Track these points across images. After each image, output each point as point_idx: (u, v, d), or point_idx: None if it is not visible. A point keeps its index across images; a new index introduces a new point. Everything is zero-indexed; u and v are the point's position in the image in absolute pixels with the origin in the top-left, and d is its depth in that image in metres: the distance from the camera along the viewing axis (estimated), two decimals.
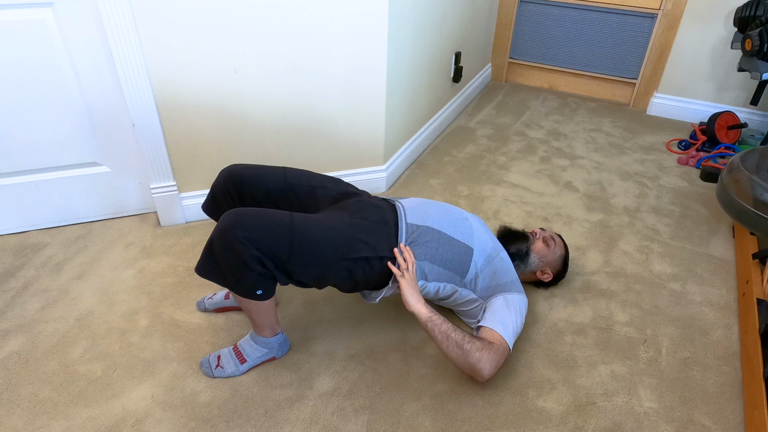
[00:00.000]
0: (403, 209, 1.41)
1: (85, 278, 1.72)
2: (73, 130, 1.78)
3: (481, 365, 1.28)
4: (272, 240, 1.18)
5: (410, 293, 1.30)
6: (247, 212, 1.21)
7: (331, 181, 1.49)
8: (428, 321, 1.29)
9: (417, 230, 1.38)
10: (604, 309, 1.65)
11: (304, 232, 1.22)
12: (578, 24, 2.97)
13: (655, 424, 1.31)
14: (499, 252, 1.48)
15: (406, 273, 1.31)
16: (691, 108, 2.84)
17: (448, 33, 2.48)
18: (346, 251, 1.27)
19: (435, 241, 1.38)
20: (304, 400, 1.34)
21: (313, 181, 1.46)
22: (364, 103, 1.99)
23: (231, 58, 1.73)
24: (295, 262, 1.21)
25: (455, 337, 1.28)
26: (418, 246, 1.36)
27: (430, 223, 1.40)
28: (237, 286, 1.22)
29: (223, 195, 1.42)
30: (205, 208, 1.49)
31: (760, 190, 1.68)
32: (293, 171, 1.47)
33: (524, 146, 2.60)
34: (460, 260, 1.40)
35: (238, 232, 1.16)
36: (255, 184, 1.40)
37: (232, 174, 1.41)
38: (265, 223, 1.19)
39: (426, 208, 1.44)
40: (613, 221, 2.06)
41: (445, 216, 1.43)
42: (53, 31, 1.60)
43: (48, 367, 1.42)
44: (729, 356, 1.49)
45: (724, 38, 2.61)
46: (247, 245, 1.16)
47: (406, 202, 1.45)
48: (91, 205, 1.95)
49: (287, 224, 1.22)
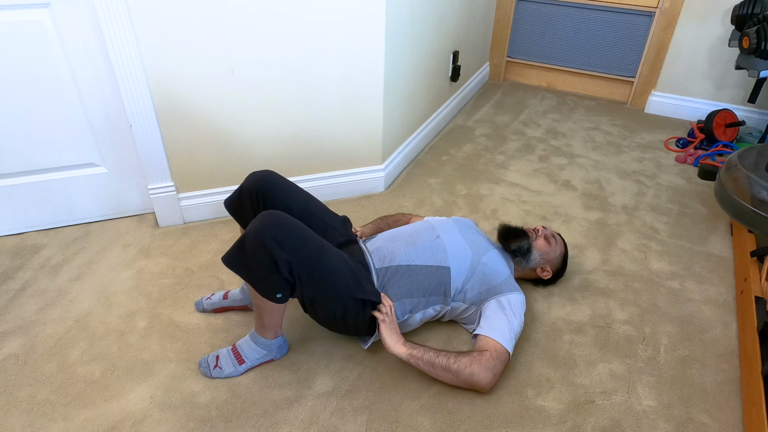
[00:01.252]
0: (369, 255, 1.45)
1: (83, 279, 1.72)
2: (70, 131, 1.78)
3: (476, 379, 1.30)
4: (303, 253, 1.22)
5: (389, 336, 1.34)
6: (287, 218, 1.23)
7: (340, 224, 1.54)
8: (410, 358, 1.32)
9: (387, 272, 1.42)
10: (603, 307, 1.65)
11: (329, 258, 1.27)
12: (576, 22, 2.97)
13: (653, 422, 1.31)
14: (481, 257, 1.48)
15: (386, 318, 1.35)
16: (689, 106, 2.85)
17: (446, 32, 2.48)
18: (354, 290, 1.31)
19: (406, 276, 1.41)
20: (303, 400, 1.34)
21: (329, 219, 1.51)
22: (362, 103, 1.98)
23: (228, 58, 1.73)
24: (311, 280, 1.25)
25: (440, 363, 1.31)
26: (390, 287, 1.40)
27: (397, 261, 1.43)
28: (259, 284, 1.23)
29: (249, 196, 1.44)
30: (229, 204, 1.50)
31: (758, 188, 1.68)
32: (316, 202, 1.52)
33: (522, 145, 2.60)
34: (438, 282, 1.43)
35: (276, 233, 1.18)
36: (282, 200, 1.44)
37: (265, 181, 1.44)
38: (303, 236, 1.23)
39: (390, 245, 1.47)
40: (611, 220, 2.06)
41: (413, 246, 1.46)
42: (50, 32, 1.60)
43: (46, 368, 1.42)
44: (727, 354, 1.49)
45: (721, 36, 2.61)
46: (283, 248, 1.18)
47: (373, 244, 1.49)
48: (89, 206, 1.94)
49: (319, 245, 1.26)
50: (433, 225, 1.54)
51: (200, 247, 1.86)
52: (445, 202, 2.15)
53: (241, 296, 1.56)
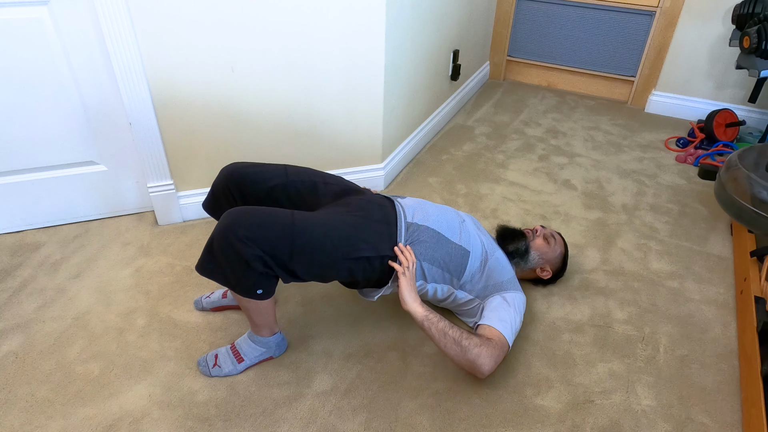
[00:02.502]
0: (403, 208, 1.41)
1: (82, 277, 1.71)
2: (69, 129, 1.78)
3: (480, 361, 1.27)
4: (273, 239, 1.18)
5: (408, 292, 1.30)
6: (247, 211, 1.20)
7: (331, 178, 1.49)
8: (425, 320, 1.28)
9: (417, 230, 1.38)
10: (603, 307, 1.64)
11: (305, 231, 1.22)
12: (576, 22, 2.96)
13: (653, 422, 1.31)
14: (494, 252, 1.48)
15: (407, 271, 1.31)
16: (689, 105, 2.84)
17: (446, 31, 2.47)
18: (348, 251, 1.26)
19: (433, 242, 1.38)
20: (302, 398, 1.34)
21: (315, 177, 1.46)
22: (362, 101, 1.98)
23: (228, 56, 1.72)
24: (296, 261, 1.21)
25: (453, 335, 1.27)
26: (417, 245, 1.36)
27: (430, 224, 1.40)
28: (238, 285, 1.21)
29: (223, 193, 1.42)
30: (206, 206, 1.48)
31: (758, 188, 1.68)
32: (294, 168, 1.47)
33: (522, 144, 2.60)
34: (457, 262, 1.41)
35: (238, 231, 1.15)
36: (256, 181, 1.40)
37: (234, 172, 1.41)
38: (266, 222, 1.19)
39: (425, 208, 1.44)
40: (611, 219, 2.06)
41: (444, 218, 1.43)
42: (49, 30, 1.60)
43: (45, 366, 1.42)
44: (727, 354, 1.49)
45: (722, 36, 2.61)
46: (249, 244, 1.15)
47: (406, 201, 1.46)
48: (88, 204, 1.94)
49: (288, 223, 1.21)
50: (455, 210, 1.53)
51: (199, 245, 1.86)
52: (445, 202, 2.14)
53: None
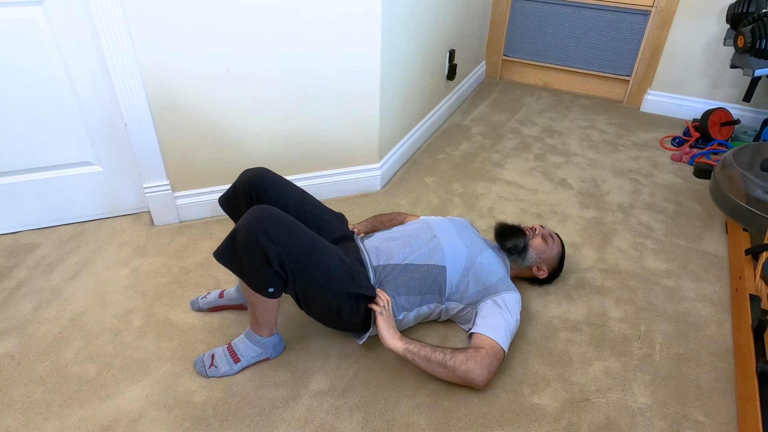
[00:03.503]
0: (367, 253, 1.46)
1: (78, 278, 1.71)
2: (65, 130, 1.77)
3: (471, 375, 1.30)
4: (294, 246, 1.21)
5: (386, 330, 1.34)
6: (278, 212, 1.23)
7: (336, 220, 1.55)
8: (406, 353, 1.32)
9: (384, 270, 1.42)
10: (599, 306, 1.65)
11: (321, 252, 1.27)
12: (572, 21, 2.97)
13: (649, 419, 1.31)
14: (478, 255, 1.48)
15: (384, 311, 1.35)
16: (684, 105, 2.85)
17: (442, 31, 2.47)
18: (348, 284, 1.30)
19: (402, 275, 1.42)
20: (299, 399, 1.34)
21: (324, 215, 1.52)
22: (358, 101, 1.98)
23: (224, 56, 1.72)
24: (303, 275, 1.24)
25: (436, 359, 1.31)
26: (387, 285, 1.41)
27: (394, 260, 1.44)
28: (252, 278, 1.22)
29: (243, 193, 1.44)
30: (223, 201, 1.50)
31: (753, 187, 1.69)
32: (310, 198, 1.52)
33: (519, 144, 2.61)
34: (433, 281, 1.43)
35: (266, 227, 1.18)
36: (276, 195, 1.44)
37: (258, 177, 1.43)
38: (293, 230, 1.23)
39: (387, 245, 1.48)
40: (607, 218, 2.07)
41: (409, 245, 1.47)
42: (44, 30, 1.59)
43: (41, 368, 1.41)
44: (722, 352, 1.50)
45: (716, 35, 2.62)
46: (273, 241, 1.17)
47: (370, 242, 1.50)
48: (84, 204, 1.94)
49: (310, 239, 1.26)
50: (429, 224, 1.54)
51: (196, 245, 1.86)
52: (441, 201, 2.15)
53: (237, 295, 1.56)
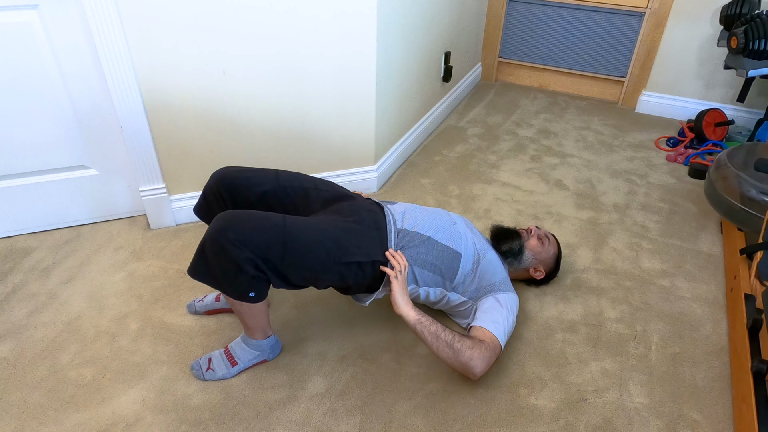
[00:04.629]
0: (392, 214, 1.42)
1: (73, 282, 1.70)
2: (60, 133, 1.77)
3: (472, 363, 1.28)
4: (265, 242, 1.18)
5: (400, 296, 1.31)
6: (239, 214, 1.21)
7: (323, 184, 1.49)
8: (417, 323, 1.29)
9: (407, 235, 1.39)
10: (595, 306, 1.65)
11: (297, 235, 1.22)
12: (567, 23, 2.98)
13: (645, 419, 1.31)
14: (486, 253, 1.49)
15: (399, 275, 1.32)
16: (679, 105, 2.87)
17: (438, 33, 2.48)
18: (339, 255, 1.27)
19: (424, 246, 1.39)
20: (296, 401, 1.34)
21: (306, 183, 1.46)
22: (354, 104, 1.98)
23: (220, 59, 1.72)
24: (287, 265, 1.22)
25: (445, 338, 1.28)
26: (407, 250, 1.37)
27: (420, 229, 1.41)
28: (230, 288, 1.21)
29: (215, 198, 1.42)
30: (197, 211, 1.48)
31: (747, 187, 1.70)
32: (285, 173, 1.47)
33: (514, 145, 2.61)
34: (449, 265, 1.42)
35: (230, 234, 1.15)
36: (247, 186, 1.40)
37: (225, 177, 1.41)
38: (258, 226, 1.19)
39: (415, 213, 1.45)
40: (602, 219, 2.07)
41: (434, 221, 1.44)
42: (39, 34, 1.59)
43: (37, 372, 1.41)
44: (718, 351, 1.51)
45: (710, 36, 2.63)
46: (240, 247, 1.15)
47: (396, 207, 1.46)
48: (79, 208, 1.93)
49: (280, 227, 1.21)
50: (447, 212, 1.54)
51: (192, 248, 1.86)
52: (437, 203, 2.15)
53: None
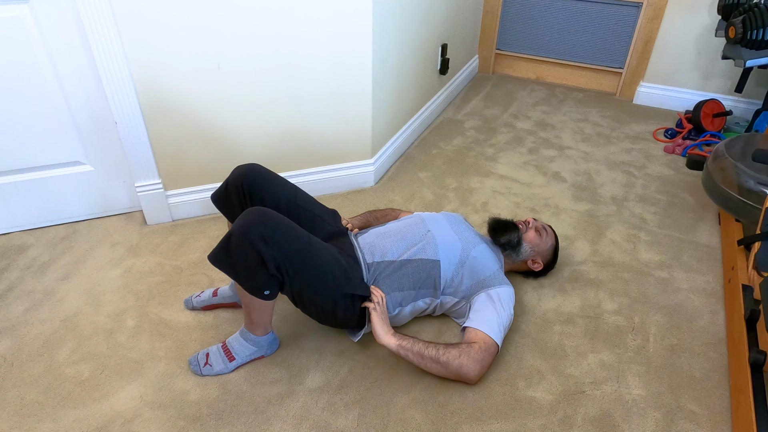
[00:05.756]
0: (361, 250, 1.46)
1: (70, 279, 1.70)
2: (54, 129, 1.76)
3: (464, 371, 1.31)
4: (290, 248, 1.21)
5: (380, 327, 1.34)
6: (273, 214, 1.23)
7: (329, 216, 1.54)
8: (399, 349, 1.32)
9: (378, 267, 1.43)
10: (593, 298, 1.65)
11: (317, 253, 1.27)
12: (564, 14, 2.96)
13: (643, 411, 1.32)
14: (472, 249, 1.49)
15: (377, 306, 1.35)
16: (676, 96, 2.86)
17: (434, 25, 2.47)
18: (343, 285, 1.31)
19: (396, 271, 1.42)
20: (294, 396, 1.34)
21: (317, 211, 1.51)
22: (351, 97, 1.97)
23: (214, 53, 1.71)
24: (298, 277, 1.24)
25: (430, 354, 1.31)
26: (381, 281, 1.41)
27: (388, 256, 1.44)
28: (247, 281, 1.22)
29: (236, 190, 1.43)
30: (216, 198, 1.49)
31: (745, 177, 1.70)
32: (303, 194, 1.51)
33: (512, 137, 2.61)
34: (427, 275, 1.43)
35: (262, 230, 1.17)
36: (269, 191, 1.43)
37: (250, 173, 1.43)
38: (289, 232, 1.22)
39: (383, 241, 1.47)
40: (600, 211, 2.07)
41: (403, 240, 1.47)
42: (31, 29, 1.57)
43: (34, 369, 1.40)
44: (715, 342, 1.51)
45: (708, 26, 2.62)
46: (269, 245, 1.17)
47: (365, 239, 1.49)
48: (75, 204, 1.92)
49: (306, 241, 1.25)
50: (423, 219, 1.54)
51: (189, 244, 1.85)
52: (435, 196, 2.14)
53: (231, 293, 1.55)
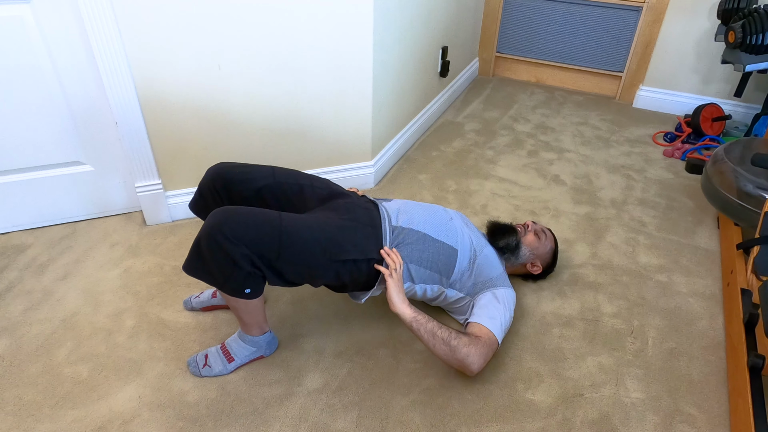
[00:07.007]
0: (387, 212, 1.41)
1: (69, 279, 1.70)
2: (54, 129, 1.76)
3: (469, 360, 1.28)
4: (261, 238, 1.18)
5: (396, 294, 1.30)
6: (234, 210, 1.20)
7: (318, 181, 1.49)
8: (413, 321, 1.29)
9: (402, 232, 1.38)
10: (592, 301, 1.66)
11: (293, 232, 1.22)
12: (565, 17, 2.97)
13: (642, 414, 1.32)
14: (483, 249, 1.49)
15: (394, 273, 1.31)
16: (676, 100, 2.86)
17: (435, 27, 2.47)
18: (335, 253, 1.27)
19: (420, 243, 1.38)
20: (293, 397, 1.34)
21: (301, 179, 1.46)
22: (351, 99, 1.98)
23: (215, 54, 1.71)
24: (283, 262, 1.21)
25: (441, 335, 1.28)
26: (402, 248, 1.37)
27: (415, 226, 1.40)
28: (225, 284, 1.21)
29: (210, 193, 1.41)
30: (193, 206, 1.47)
31: (744, 181, 1.70)
32: (281, 170, 1.47)
33: (512, 140, 2.61)
34: (445, 261, 1.41)
35: (226, 230, 1.15)
36: (244, 182, 1.39)
37: (221, 172, 1.40)
38: (254, 222, 1.19)
39: (411, 210, 1.44)
40: (600, 214, 2.07)
41: (430, 218, 1.44)
42: (32, 28, 1.57)
43: (33, 369, 1.40)
44: (714, 346, 1.51)
45: (708, 31, 2.63)
46: (236, 243, 1.15)
47: (391, 205, 1.46)
48: (74, 204, 1.92)
49: (276, 223, 1.21)
50: (444, 208, 1.54)
51: (188, 244, 1.85)
52: (434, 198, 2.15)
53: None
